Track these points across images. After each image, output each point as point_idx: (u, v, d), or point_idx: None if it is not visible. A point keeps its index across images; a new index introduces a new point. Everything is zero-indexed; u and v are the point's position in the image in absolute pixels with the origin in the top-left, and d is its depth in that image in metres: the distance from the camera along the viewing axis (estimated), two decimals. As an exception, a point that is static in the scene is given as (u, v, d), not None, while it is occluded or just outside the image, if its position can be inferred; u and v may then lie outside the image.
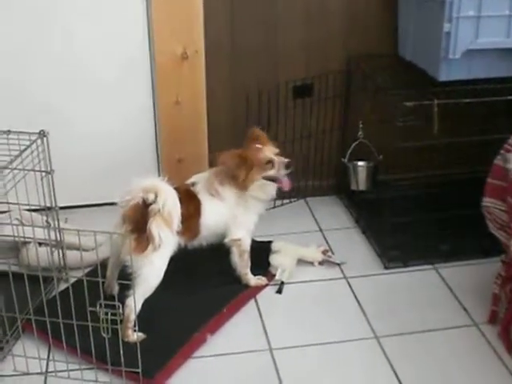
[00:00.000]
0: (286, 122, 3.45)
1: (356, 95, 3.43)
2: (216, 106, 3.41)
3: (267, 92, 3.34)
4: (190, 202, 2.71)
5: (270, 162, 2.82)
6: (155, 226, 2.47)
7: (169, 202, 2.50)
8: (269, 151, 2.84)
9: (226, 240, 2.85)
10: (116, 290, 2.73)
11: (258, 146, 2.84)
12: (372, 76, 3.19)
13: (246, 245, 2.86)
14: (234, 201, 2.80)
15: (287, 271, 2.98)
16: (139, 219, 2.48)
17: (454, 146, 3.25)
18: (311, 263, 3.09)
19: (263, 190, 2.84)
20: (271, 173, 2.82)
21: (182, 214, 2.58)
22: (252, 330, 2.71)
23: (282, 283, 2.95)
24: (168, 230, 2.52)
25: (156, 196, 2.47)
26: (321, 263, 3.09)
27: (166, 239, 2.53)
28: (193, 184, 2.80)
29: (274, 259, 3.02)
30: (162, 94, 3.33)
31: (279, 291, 2.92)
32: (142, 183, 2.51)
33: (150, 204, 2.47)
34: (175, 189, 2.61)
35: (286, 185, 2.86)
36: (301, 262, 3.07)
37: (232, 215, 2.81)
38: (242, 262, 2.87)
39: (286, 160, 2.84)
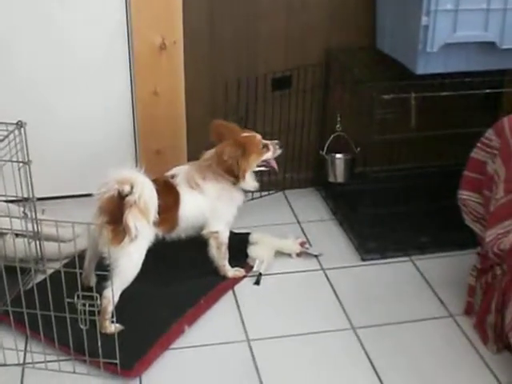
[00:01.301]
0: (265, 114, 3.46)
1: (334, 88, 3.44)
2: (195, 97, 3.40)
3: (246, 83, 3.34)
4: (169, 194, 2.70)
5: (265, 146, 2.85)
6: (131, 218, 2.46)
7: (145, 193, 2.49)
8: (258, 136, 2.87)
9: (204, 232, 2.85)
10: (93, 281, 2.72)
11: (246, 133, 2.86)
12: (350, 69, 3.20)
13: (224, 237, 2.86)
14: (215, 194, 2.80)
15: (265, 263, 2.99)
16: (115, 211, 2.46)
17: (432, 138, 3.26)
18: (289, 255, 3.09)
19: (253, 178, 2.87)
20: (268, 156, 2.86)
21: (160, 206, 2.57)
22: (230, 321, 2.72)
23: (260, 274, 2.95)
24: (144, 221, 2.51)
25: (132, 187, 2.46)
26: (298, 255, 3.10)
27: (143, 230, 2.52)
28: (172, 176, 2.79)
29: (251, 251, 3.02)
30: (140, 85, 3.32)
31: (257, 282, 2.93)
32: (117, 175, 2.49)
33: (126, 195, 2.47)
34: (153, 180, 2.60)
35: (274, 164, 2.92)
36: (279, 253, 3.08)
37: (212, 208, 2.81)
38: (219, 254, 2.87)
39: (277, 140, 2.89)
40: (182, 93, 3.35)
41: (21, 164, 2.64)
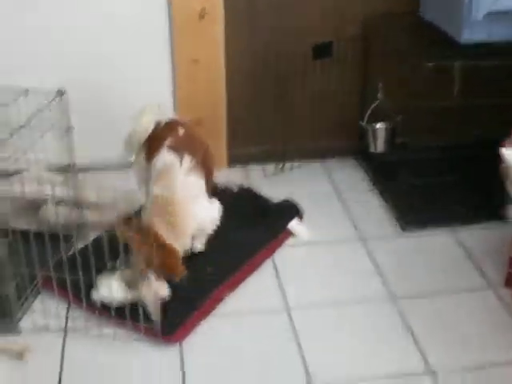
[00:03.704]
0: (305, 83, 3.43)
1: (376, 56, 3.40)
2: (235, 66, 3.38)
3: (286, 52, 3.32)
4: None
5: None
6: None
7: None
8: None
9: None
10: None
11: None
12: (392, 36, 3.16)
13: None
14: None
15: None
16: None
17: (474, 108, 3.23)
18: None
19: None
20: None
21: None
22: (269, 288, 2.72)
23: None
24: None
25: None
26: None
27: None
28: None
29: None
30: (179, 53, 3.31)
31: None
32: None
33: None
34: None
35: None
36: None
37: None
38: None
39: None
40: (221, 61, 3.33)
41: (62, 132, 2.65)
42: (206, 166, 2.71)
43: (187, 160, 2.60)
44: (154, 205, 2.55)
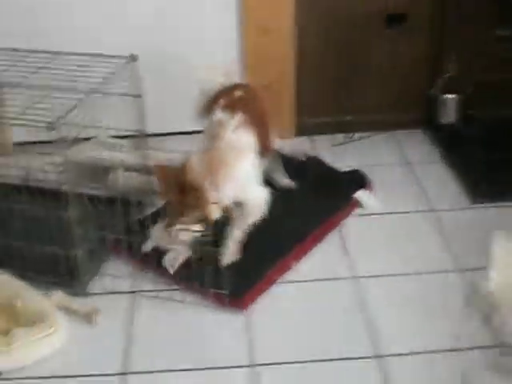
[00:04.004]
0: (375, 52, 3.38)
1: (450, 25, 3.32)
2: (304, 35, 3.34)
3: (358, 19, 3.27)
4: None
5: None
6: None
7: None
8: None
9: None
10: None
11: None
12: (468, 4, 3.09)
13: None
14: None
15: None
16: None
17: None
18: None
19: None
20: None
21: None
22: (336, 257, 2.72)
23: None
24: None
25: None
26: None
27: None
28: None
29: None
30: (248, 18, 3.28)
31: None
32: None
33: None
34: None
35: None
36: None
37: None
38: None
39: None
40: (291, 28, 3.29)
41: (132, 98, 2.67)
42: (260, 132, 2.69)
43: (237, 119, 2.60)
44: (199, 156, 2.51)
